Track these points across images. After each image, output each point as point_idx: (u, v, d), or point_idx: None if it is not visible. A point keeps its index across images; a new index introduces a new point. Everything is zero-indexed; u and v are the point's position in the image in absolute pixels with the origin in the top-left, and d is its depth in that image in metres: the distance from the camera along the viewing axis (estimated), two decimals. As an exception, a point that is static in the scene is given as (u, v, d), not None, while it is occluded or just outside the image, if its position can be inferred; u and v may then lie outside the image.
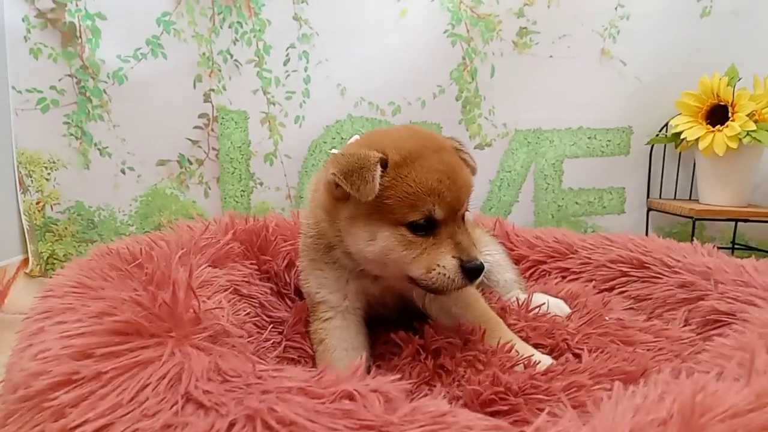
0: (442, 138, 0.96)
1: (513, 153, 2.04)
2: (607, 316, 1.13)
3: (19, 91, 1.85)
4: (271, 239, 1.36)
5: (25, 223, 1.89)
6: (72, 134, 1.90)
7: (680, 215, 1.83)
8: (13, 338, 0.83)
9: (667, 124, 1.96)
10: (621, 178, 2.06)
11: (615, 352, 0.99)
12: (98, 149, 1.92)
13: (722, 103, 1.76)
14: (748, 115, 1.68)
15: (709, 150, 1.74)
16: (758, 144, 1.69)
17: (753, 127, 1.67)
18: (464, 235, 0.89)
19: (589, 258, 1.48)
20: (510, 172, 2.05)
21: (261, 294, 1.21)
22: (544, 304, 1.16)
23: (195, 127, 1.96)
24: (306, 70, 1.96)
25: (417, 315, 1.08)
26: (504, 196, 2.05)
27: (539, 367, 0.91)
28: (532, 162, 2.05)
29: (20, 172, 1.88)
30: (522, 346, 0.96)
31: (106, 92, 1.88)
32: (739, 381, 0.61)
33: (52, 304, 0.83)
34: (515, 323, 1.08)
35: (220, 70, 1.94)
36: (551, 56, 1.99)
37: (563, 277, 1.49)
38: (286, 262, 1.35)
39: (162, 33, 1.88)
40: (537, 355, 0.95)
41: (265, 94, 1.96)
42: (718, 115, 1.77)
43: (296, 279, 1.35)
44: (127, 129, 1.92)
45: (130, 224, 1.96)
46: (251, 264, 1.28)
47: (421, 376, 0.96)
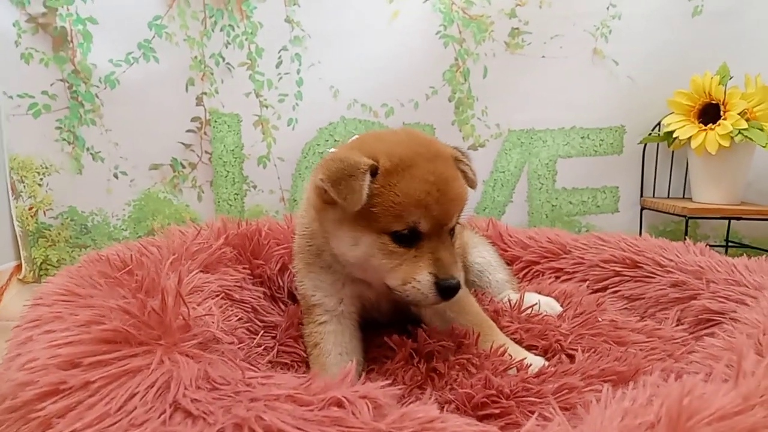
0: (440, 145, 0.93)
1: (506, 153, 2.04)
2: (601, 317, 1.13)
3: (11, 97, 1.84)
4: (264, 243, 1.35)
5: (18, 229, 1.89)
6: (64, 139, 1.89)
7: (674, 214, 1.83)
8: (5, 346, 0.82)
9: (659, 123, 1.97)
10: (614, 178, 2.06)
11: (607, 353, 0.99)
12: (91, 154, 1.91)
13: (714, 102, 1.76)
14: (739, 114, 1.69)
15: (702, 149, 1.74)
16: (750, 142, 1.69)
17: (745, 125, 1.67)
18: (446, 251, 0.87)
19: (582, 258, 1.49)
20: (503, 172, 2.05)
21: (254, 299, 1.21)
22: (535, 304, 1.16)
23: (188, 131, 1.95)
24: (298, 72, 1.96)
25: (411, 319, 1.08)
26: (498, 196, 2.05)
27: (531, 370, 0.91)
28: (526, 162, 2.05)
29: (12, 178, 1.87)
30: (514, 349, 0.96)
31: (98, 97, 1.88)
32: (726, 382, 0.61)
33: (41, 313, 0.82)
34: (509, 325, 1.08)
35: (213, 74, 1.93)
36: (543, 56, 1.99)
37: (557, 277, 1.49)
38: (279, 266, 1.35)
39: (154, 37, 1.88)
40: (529, 358, 0.95)
41: (257, 96, 1.96)
42: (710, 113, 1.78)
43: (290, 283, 1.35)
44: (120, 133, 1.91)
45: (123, 229, 1.96)
46: (244, 268, 1.28)
47: (413, 380, 0.96)
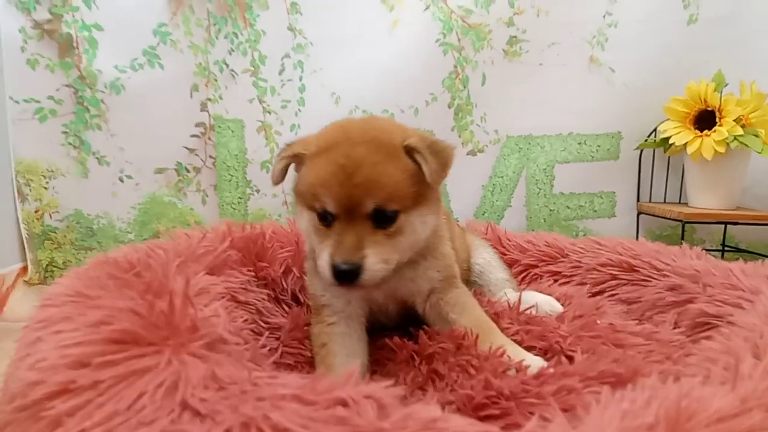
0: (388, 133, 0.91)
1: (505, 159, 2.06)
2: (599, 320, 1.15)
3: (17, 102, 1.86)
4: (268, 246, 1.37)
5: (24, 232, 1.91)
6: (70, 143, 1.91)
7: (670, 219, 1.85)
8: (12, 347, 0.84)
9: (655, 130, 1.99)
10: (611, 183, 2.09)
11: (606, 354, 1.01)
12: (96, 158, 1.93)
13: (710, 109, 1.78)
14: (735, 120, 1.71)
15: (698, 154, 1.76)
16: (746, 148, 1.71)
17: (740, 131, 1.70)
18: (352, 236, 0.86)
19: (580, 262, 1.51)
20: (502, 177, 2.07)
21: (258, 300, 1.22)
22: (533, 305, 1.18)
23: (192, 136, 1.98)
24: (301, 79, 1.98)
25: (413, 321, 1.10)
26: (497, 201, 2.07)
27: (530, 371, 0.92)
28: (524, 167, 2.07)
29: (19, 182, 1.89)
30: (514, 350, 0.98)
31: (103, 102, 1.90)
32: (724, 385, 0.63)
33: (50, 314, 0.84)
34: (509, 327, 1.10)
35: (216, 80, 1.96)
36: (541, 64, 2.01)
37: (555, 281, 1.51)
38: (283, 269, 1.37)
39: (158, 43, 1.90)
40: (528, 359, 0.96)
41: (260, 103, 1.98)
42: (705, 120, 1.80)
43: (293, 285, 1.37)
44: (125, 138, 1.93)
45: (128, 231, 1.98)
46: (248, 271, 1.30)
47: (414, 381, 0.98)
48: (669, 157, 2.01)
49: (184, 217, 2.00)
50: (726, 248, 1.99)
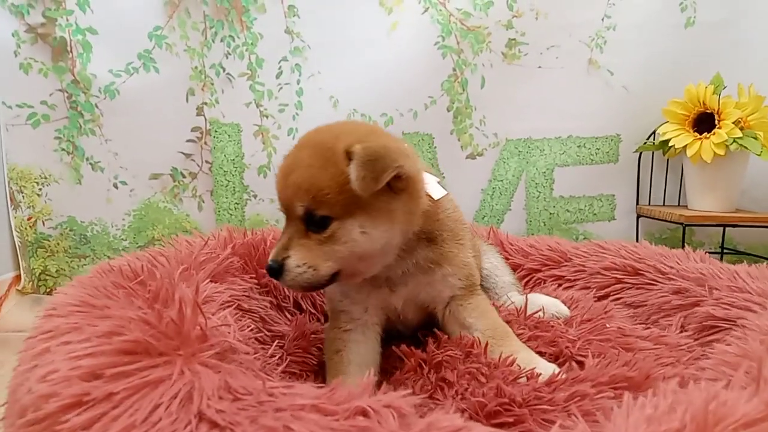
0: (337, 137, 0.89)
1: (504, 162, 2.06)
2: (608, 324, 1.14)
3: (9, 107, 1.83)
4: (269, 253, 1.36)
5: (17, 239, 1.88)
6: (63, 149, 1.89)
7: (670, 221, 1.86)
8: (6, 356, 0.81)
9: (654, 132, 2.00)
10: (610, 186, 2.09)
11: (616, 358, 1.00)
12: (90, 164, 1.91)
13: (708, 111, 1.79)
14: (734, 123, 1.72)
15: (697, 157, 1.77)
16: (745, 151, 1.72)
17: (739, 134, 1.71)
18: (285, 236, 0.91)
19: (583, 265, 1.50)
20: (501, 181, 2.07)
21: (261, 308, 1.21)
22: (540, 308, 1.18)
23: (188, 141, 1.96)
24: (298, 82, 1.97)
25: (423, 327, 1.09)
26: (496, 204, 2.07)
27: (541, 379, 0.92)
28: (523, 171, 2.07)
29: (11, 188, 1.86)
30: (528, 357, 0.97)
31: (97, 107, 1.87)
32: (746, 390, 0.62)
33: (57, 324, 0.82)
34: (521, 332, 1.09)
35: (213, 84, 1.94)
36: (540, 67, 2.01)
37: (558, 285, 1.51)
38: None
39: (154, 47, 1.88)
40: (540, 366, 0.95)
41: (258, 106, 1.97)
42: (704, 122, 1.81)
43: (295, 292, 1.35)
44: (120, 143, 1.91)
45: (123, 239, 1.95)
46: (251, 278, 1.28)
47: (423, 390, 0.96)
48: (668, 160, 2.02)
49: (180, 223, 1.98)
50: (725, 250, 2.00)
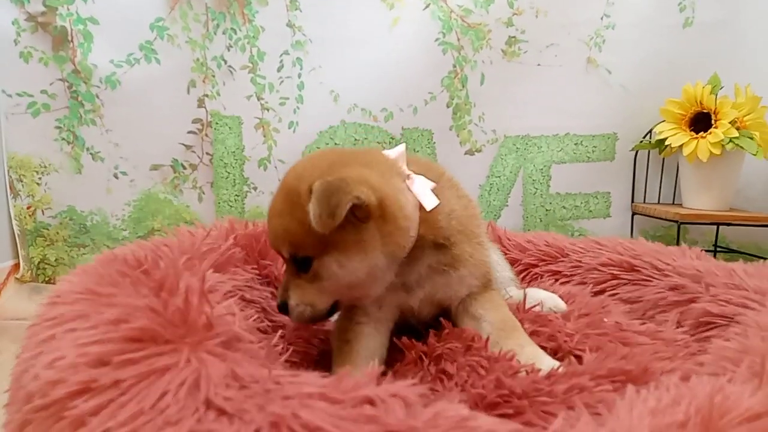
0: (302, 177, 0.90)
1: (502, 159, 2.07)
2: (606, 318, 1.16)
3: (9, 95, 1.83)
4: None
5: (16, 228, 1.87)
6: (64, 138, 1.88)
7: (665, 219, 1.88)
8: (4, 344, 0.82)
9: (651, 131, 2.02)
10: (606, 183, 2.11)
11: (613, 352, 1.01)
12: (90, 154, 1.90)
13: (705, 111, 1.81)
14: (730, 123, 1.74)
15: (693, 156, 1.79)
16: (740, 150, 1.74)
17: (735, 134, 1.72)
18: (285, 278, 0.98)
19: (580, 261, 1.51)
20: (499, 177, 2.08)
21: (263, 299, 1.21)
22: (539, 302, 1.19)
23: (189, 132, 1.96)
24: (300, 76, 1.97)
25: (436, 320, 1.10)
26: (494, 200, 2.09)
27: (541, 374, 0.93)
28: (521, 167, 2.08)
29: (11, 177, 1.86)
30: (532, 352, 0.97)
31: (98, 97, 1.87)
32: (748, 384, 0.64)
33: (62, 311, 0.82)
34: (527, 328, 1.09)
35: (214, 76, 1.94)
36: (539, 64, 2.03)
37: (555, 280, 1.52)
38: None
39: (155, 38, 1.88)
40: (542, 362, 0.96)
41: (258, 99, 1.97)
42: (701, 122, 1.83)
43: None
44: (120, 134, 1.91)
45: (123, 229, 1.95)
46: (252, 269, 1.29)
47: (423, 381, 0.97)
48: (663, 159, 2.03)
49: (180, 214, 1.98)
50: (718, 249, 2.02)
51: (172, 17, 1.88)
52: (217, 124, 1.95)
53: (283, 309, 0.97)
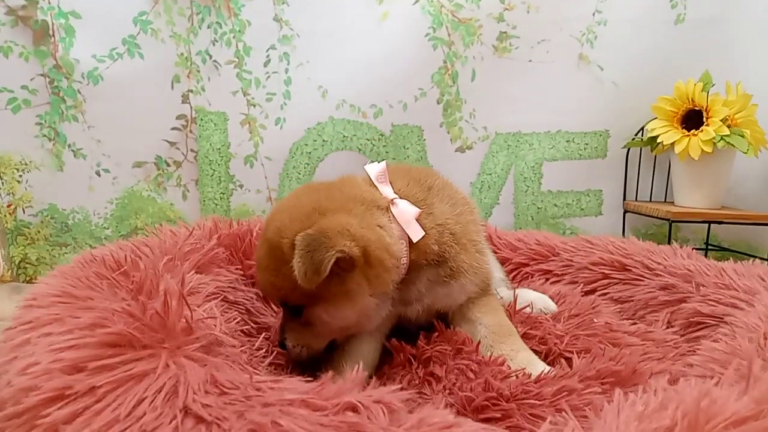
0: (281, 231, 0.91)
1: (493, 156, 2.05)
2: (596, 319, 1.15)
3: (-11, 91, 1.79)
4: (256, 243, 1.34)
5: (-4, 227, 1.84)
6: (45, 135, 1.84)
7: (657, 217, 1.87)
8: None
9: (642, 129, 2.00)
10: (598, 181, 2.09)
11: (602, 353, 1.00)
12: (72, 150, 1.87)
13: (697, 108, 1.80)
14: (722, 120, 1.73)
15: (685, 154, 1.78)
16: (732, 148, 1.73)
17: (727, 131, 1.71)
18: (281, 320, 1.01)
19: (571, 260, 1.51)
20: (490, 174, 2.06)
21: (247, 300, 1.20)
22: (529, 304, 1.18)
23: (173, 129, 1.92)
24: (287, 71, 1.94)
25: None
26: (484, 198, 2.07)
27: (532, 378, 0.92)
28: (512, 165, 2.06)
29: (-10, 174, 1.82)
30: (526, 357, 0.97)
31: (80, 92, 1.83)
32: (735, 387, 0.63)
33: (37, 315, 0.80)
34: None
35: (199, 71, 1.90)
36: (530, 61, 2.00)
37: (546, 279, 1.51)
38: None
39: (139, 32, 1.84)
40: (531, 367, 0.95)
41: (245, 95, 1.94)
42: (693, 119, 1.81)
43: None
44: (103, 130, 1.87)
45: (105, 227, 1.92)
46: (236, 269, 1.27)
47: (411, 384, 0.96)
48: (655, 156, 2.02)
49: (164, 212, 1.95)
50: (709, 247, 2.02)
51: (156, 11, 1.84)
52: (202, 120, 1.92)
53: (282, 347, 1.00)
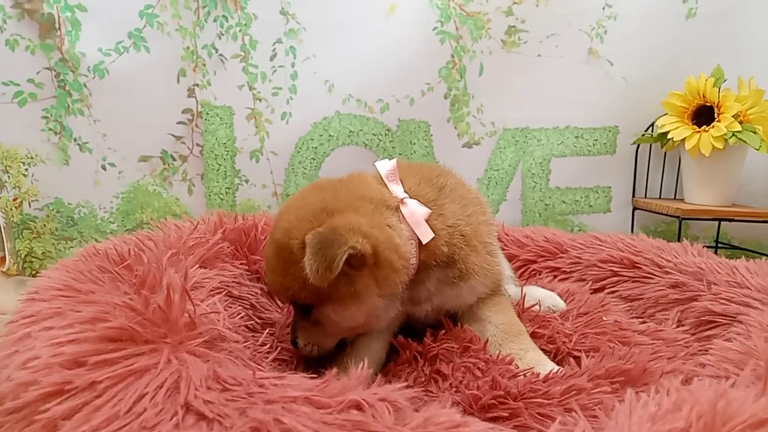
0: (289, 231, 0.91)
1: (501, 152, 2.03)
2: (605, 317, 1.13)
3: (-5, 84, 1.78)
4: (261, 238, 1.33)
5: (2, 220, 1.83)
6: (51, 129, 1.84)
7: (667, 214, 1.84)
8: None
9: (653, 124, 1.98)
10: (607, 177, 2.07)
11: (612, 352, 0.99)
12: (78, 144, 1.86)
13: (708, 104, 1.77)
14: (733, 116, 1.70)
15: (696, 150, 1.75)
16: (743, 144, 1.70)
17: (738, 128, 1.69)
18: (292, 319, 1.02)
19: (580, 258, 1.49)
20: (498, 170, 2.04)
21: (252, 295, 1.19)
22: (537, 302, 1.17)
23: (178, 123, 1.91)
24: (293, 65, 1.92)
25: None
26: (492, 194, 2.05)
27: (540, 376, 0.90)
28: (520, 161, 2.04)
29: (-4, 168, 1.82)
30: (535, 357, 0.96)
31: (86, 86, 1.82)
32: (751, 388, 0.61)
33: (39, 308, 0.79)
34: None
35: (205, 65, 1.89)
36: (539, 55, 1.98)
37: (554, 276, 1.49)
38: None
39: (145, 26, 1.83)
40: (540, 366, 0.94)
41: (251, 89, 1.92)
42: (704, 115, 1.79)
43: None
44: (109, 124, 1.86)
45: (111, 221, 1.91)
46: (241, 264, 1.26)
47: (416, 382, 0.95)
48: (665, 153, 2.00)
49: (170, 207, 1.94)
50: (720, 245, 1.99)
51: (162, 4, 1.83)
52: (207, 114, 1.91)
53: (295, 345, 1.00)
